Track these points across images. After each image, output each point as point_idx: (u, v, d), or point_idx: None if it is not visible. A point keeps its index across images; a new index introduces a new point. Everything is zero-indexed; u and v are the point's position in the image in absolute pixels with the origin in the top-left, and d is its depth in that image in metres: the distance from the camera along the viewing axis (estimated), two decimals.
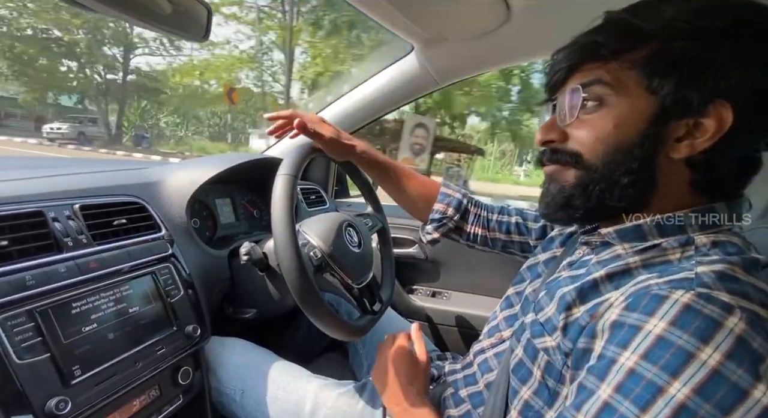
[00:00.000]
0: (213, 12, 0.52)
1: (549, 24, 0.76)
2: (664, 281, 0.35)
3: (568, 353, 0.40)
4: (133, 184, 0.70)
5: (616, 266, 0.41)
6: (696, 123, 0.38)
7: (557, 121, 0.46)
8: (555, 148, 0.46)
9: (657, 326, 0.32)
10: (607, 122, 0.41)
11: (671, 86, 0.37)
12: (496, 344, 0.57)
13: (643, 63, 0.39)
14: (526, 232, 0.72)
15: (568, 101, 0.43)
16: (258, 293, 0.79)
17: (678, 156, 0.39)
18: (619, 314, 0.35)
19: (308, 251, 0.64)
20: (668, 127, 0.39)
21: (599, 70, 0.41)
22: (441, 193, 0.75)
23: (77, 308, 0.51)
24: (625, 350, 0.33)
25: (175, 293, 0.64)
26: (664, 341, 0.31)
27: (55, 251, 0.52)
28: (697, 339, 0.30)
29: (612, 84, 0.40)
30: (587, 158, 0.42)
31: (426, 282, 1.24)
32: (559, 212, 0.46)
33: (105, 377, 0.51)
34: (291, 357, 0.74)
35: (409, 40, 0.86)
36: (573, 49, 0.43)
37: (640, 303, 0.34)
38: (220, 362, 0.70)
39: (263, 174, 0.90)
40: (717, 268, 0.34)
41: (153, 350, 0.58)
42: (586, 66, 0.42)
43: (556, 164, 0.46)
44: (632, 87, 0.39)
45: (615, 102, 0.40)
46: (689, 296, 0.32)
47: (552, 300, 0.45)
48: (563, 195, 0.45)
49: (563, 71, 0.44)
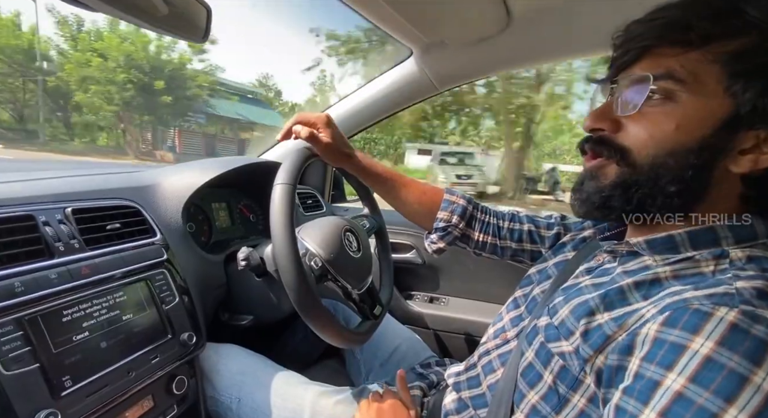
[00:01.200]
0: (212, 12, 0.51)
1: (549, 31, 0.76)
2: (703, 295, 0.32)
3: (587, 360, 0.39)
4: (127, 187, 0.68)
5: (644, 275, 0.39)
6: (767, 136, 0.34)
7: (612, 109, 0.41)
8: (603, 139, 0.41)
9: (704, 345, 0.29)
10: (669, 121, 0.36)
11: (755, 92, 0.33)
12: (500, 344, 0.56)
13: (731, 58, 0.34)
14: (539, 240, 0.70)
15: (632, 90, 0.38)
16: (255, 299, 0.77)
17: (738, 170, 0.36)
18: (658, 330, 0.32)
19: (309, 260, 0.63)
20: (736, 137, 0.35)
21: (675, 59, 0.36)
22: (444, 200, 0.73)
23: (68, 316, 0.49)
24: (669, 371, 0.30)
25: (169, 299, 0.62)
26: (714, 363, 0.29)
27: (46, 256, 0.50)
28: (749, 361, 0.28)
29: (684, 80, 0.35)
30: (635, 156, 0.38)
31: (424, 288, 1.23)
32: (596, 212, 0.43)
33: (96, 388, 0.49)
34: (288, 364, 0.73)
35: (408, 44, 0.86)
36: (654, 25, 0.37)
37: (681, 318, 0.32)
38: (216, 370, 0.69)
39: (260, 178, 0.89)
40: (757, 284, 0.32)
41: (147, 359, 0.56)
42: (662, 49, 0.37)
43: (599, 157, 0.42)
44: (709, 85, 0.35)
45: (685, 99, 0.36)
46: (734, 314, 0.30)
47: (569, 305, 0.43)
48: (601, 194, 0.41)
49: (636, 51, 0.38)
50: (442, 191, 0.74)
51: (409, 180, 0.75)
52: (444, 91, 1.00)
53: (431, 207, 0.73)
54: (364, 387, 0.69)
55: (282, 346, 0.98)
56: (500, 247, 0.72)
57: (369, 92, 1.01)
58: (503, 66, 0.95)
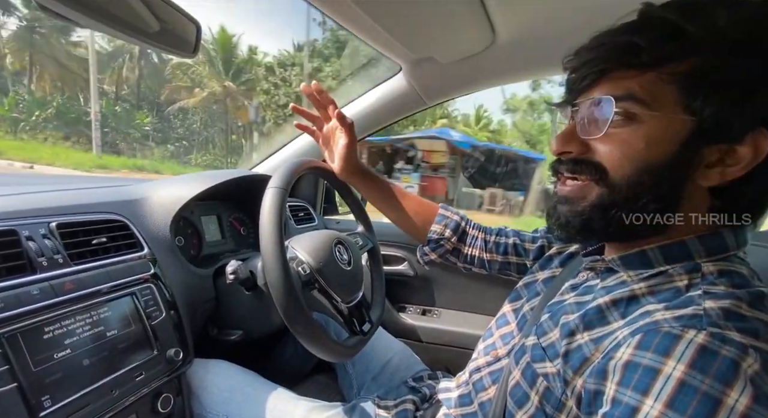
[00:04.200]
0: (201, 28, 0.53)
1: (532, 47, 0.79)
2: (672, 317, 0.33)
3: (568, 382, 0.39)
4: (114, 201, 0.67)
5: (621, 292, 0.39)
6: (730, 150, 0.35)
7: (578, 131, 0.41)
8: (579, 159, 0.41)
9: (676, 368, 0.30)
10: (637, 140, 0.37)
11: (714, 108, 0.34)
12: (491, 362, 0.56)
13: (686, 78, 0.35)
14: (523, 253, 0.71)
15: (594, 113, 0.39)
16: (244, 314, 0.76)
17: (707, 183, 0.36)
18: (632, 353, 0.33)
19: (297, 266, 0.63)
20: (702, 152, 0.35)
21: (633, 80, 0.36)
22: (439, 215, 0.75)
23: (50, 333, 0.48)
24: (645, 396, 0.30)
25: (156, 314, 0.61)
26: (688, 387, 0.29)
27: (28, 271, 0.49)
28: (721, 383, 0.28)
29: (646, 101, 0.36)
30: (612, 176, 0.38)
31: (416, 300, 1.23)
32: (577, 236, 0.43)
33: (78, 408, 0.48)
34: (278, 379, 0.72)
35: (397, 60, 0.88)
36: (605, 50, 0.38)
37: (652, 341, 0.32)
38: (203, 386, 0.67)
39: (251, 191, 0.89)
40: (724, 304, 0.32)
41: (131, 376, 0.54)
42: (619, 72, 0.37)
43: (576, 179, 0.42)
44: (669, 104, 0.35)
45: (648, 119, 0.36)
46: (702, 337, 0.30)
47: (556, 325, 0.44)
48: (581, 218, 0.41)
49: (592, 76, 0.39)
50: (437, 206, 0.77)
51: (407, 193, 0.77)
52: (433, 105, 1.02)
53: (426, 220, 0.75)
54: (356, 403, 0.67)
55: (272, 361, 0.96)
56: (487, 260, 0.73)
57: (360, 106, 1.03)
58: (490, 81, 0.97)
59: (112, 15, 0.41)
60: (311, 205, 1.25)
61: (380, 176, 0.75)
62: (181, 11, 0.48)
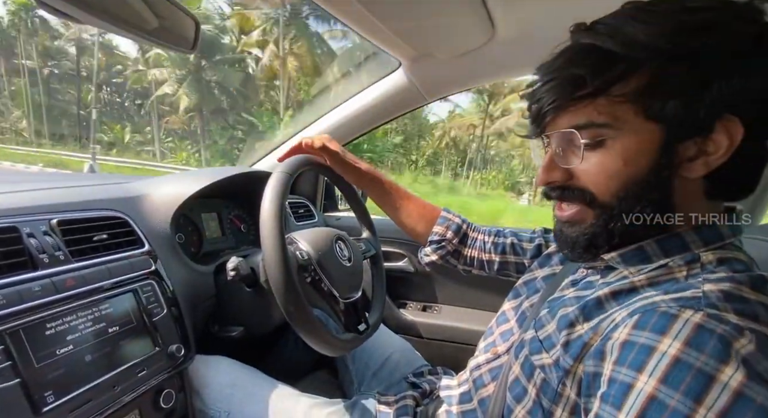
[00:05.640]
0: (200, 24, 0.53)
1: (532, 42, 0.79)
2: (671, 298, 0.34)
3: (569, 371, 0.39)
4: (115, 198, 0.67)
5: (621, 284, 0.40)
6: (706, 140, 0.36)
7: (556, 161, 0.43)
8: (564, 187, 0.43)
9: (671, 346, 0.30)
10: (614, 159, 0.38)
11: (672, 110, 0.36)
12: (491, 359, 0.56)
13: (637, 95, 0.36)
14: (521, 252, 0.71)
15: (565, 144, 0.41)
16: (245, 310, 0.76)
17: (694, 175, 0.37)
18: (629, 333, 0.33)
19: (295, 250, 0.63)
20: (678, 150, 0.37)
21: (588, 108, 0.38)
22: (441, 217, 0.76)
23: (52, 329, 0.48)
24: (639, 372, 0.31)
25: (157, 311, 0.61)
26: (682, 363, 0.29)
27: (30, 268, 0.49)
28: (716, 360, 0.29)
29: (608, 123, 0.38)
30: (601, 198, 0.40)
31: (416, 296, 1.23)
32: (585, 255, 0.44)
33: (80, 403, 0.48)
34: (279, 376, 0.72)
35: (397, 56, 0.88)
36: (555, 86, 0.40)
37: (649, 321, 0.32)
38: (205, 383, 0.67)
39: (251, 188, 0.89)
40: (724, 287, 0.33)
41: (133, 372, 0.55)
42: (573, 105, 0.39)
43: (571, 204, 0.43)
44: (631, 120, 0.37)
45: (617, 137, 0.38)
46: (700, 316, 0.31)
47: (554, 318, 0.44)
48: (585, 237, 0.42)
49: (551, 112, 0.41)
50: (439, 209, 0.78)
51: (410, 194, 0.78)
52: (432, 101, 1.02)
53: (429, 221, 0.76)
54: (357, 399, 0.68)
55: (273, 357, 0.96)
56: (486, 261, 0.74)
57: (359, 103, 1.03)
58: (489, 76, 0.97)
59: (111, 12, 0.41)
60: (311, 202, 1.25)
61: (383, 177, 0.76)
62: (179, 7, 0.48)
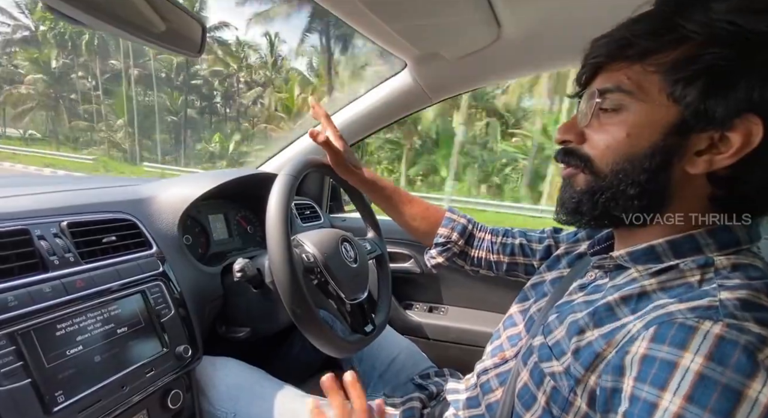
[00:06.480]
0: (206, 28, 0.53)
1: (538, 43, 0.78)
2: (687, 308, 0.33)
3: (579, 380, 0.38)
4: (123, 200, 0.68)
5: (631, 288, 0.39)
6: (721, 137, 0.35)
7: (577, 121, 0.44)
8: (569, 150, 0.44)
9: (694, 361, 0.29)
10: (620, 130, 0.39)
11: (695, 96, 0.35)
12: (499, 364, 0.56)
13: (669, 68, 0.36)
14: (530, 253, 0.70)
15: (589, 106, 0.41)
16: (251, 311, 0.77)
17: (695, 171, 0.36)
18: (647, 347, 0.32)
19: (300, 252, 0.63)
20: (689, 140, 0.36)
21: (620, 73, 0.39)
22: (446, 218, 0.75)
23: (62, 330, 0.49)
24: (663, 391, 0.30)
25: (165, 312, 0.62)
26: (707, 380, 0.28)
27: (40, 270, 0.50)
28: (741, 375, 0.28)
29: (632, 91, 0.38)
30: (597, 164, 0.41)
31: (422, 297, 1.22)
32: (569, 217, 0.45)
33: (90, 403, 0.48)
34: (285, 377, 0.72)
35: (402, 57, 0.88)
36: (603, 44, 0.40)
37: (667, 334, 0.31)
38: (212, 384, 0.68)
39: (258, 190, 0.89)
40: (741, 295, 0.32)
41: (142, 373, 0.55)
42: (612, 65, 0.40)
43: (569, 166, 0.44)
44: (653, 93, 0.37)
45: (633, 109, 0.38)
46: (720, 327, 0.30)
47: (562, 324, 0.43)
48: (573, 200, 0.44)
49: (591, 68, 0.42)
50: (444, 210, 0.76)
51: (413, 197, 0.77)
52: (438, 101, 1.01)
53: (433, 223, 0.75)
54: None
55: (279, 359, 0.97)
56: (494, 262, 0.73)
57: (365, 103, 1.03)
58: (495, 76, 0.97)
59: (118, 16, 0.42)
60: (317, 203, 1.26)
61: (385, 181, 0.75)
62: (186, 11, 0.48)
